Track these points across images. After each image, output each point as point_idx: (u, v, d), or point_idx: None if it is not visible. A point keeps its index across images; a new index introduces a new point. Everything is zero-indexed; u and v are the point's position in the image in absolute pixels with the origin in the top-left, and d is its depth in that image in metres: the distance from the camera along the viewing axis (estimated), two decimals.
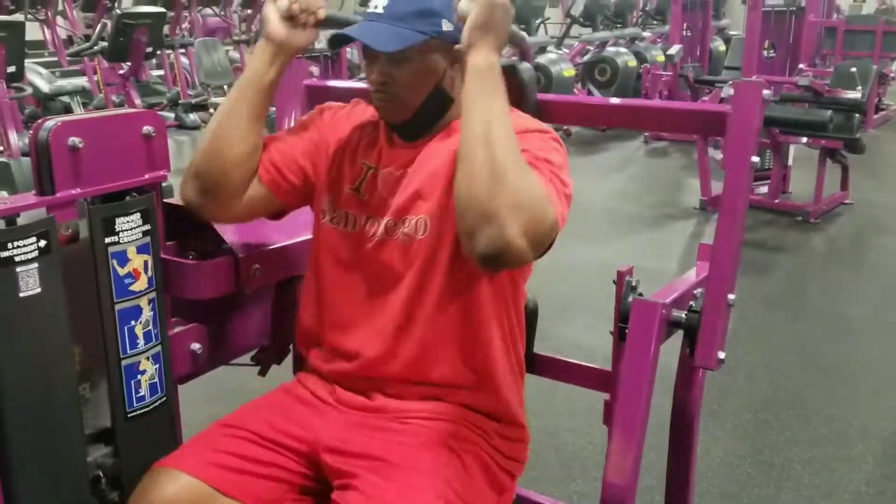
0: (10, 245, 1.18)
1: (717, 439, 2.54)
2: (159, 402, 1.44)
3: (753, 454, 2.47)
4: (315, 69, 5.63)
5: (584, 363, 1.69)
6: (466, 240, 1.12)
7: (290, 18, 1.36)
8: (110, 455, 1.41)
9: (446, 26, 1.29)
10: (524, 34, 1.45)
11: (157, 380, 1.44)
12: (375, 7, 1.31)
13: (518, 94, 1.47)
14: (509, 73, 1.44)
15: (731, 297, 1.35)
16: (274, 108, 1.72)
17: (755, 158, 1.31)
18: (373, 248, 1.35)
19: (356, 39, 1.29)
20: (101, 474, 1.40)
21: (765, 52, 5.52)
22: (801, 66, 5.40)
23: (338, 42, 1.35)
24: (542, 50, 7.55)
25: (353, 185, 1.39)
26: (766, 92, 1.30)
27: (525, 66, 1.54)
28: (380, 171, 1.38)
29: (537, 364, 1.65)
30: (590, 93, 8.04)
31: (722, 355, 1.35)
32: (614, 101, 1.71)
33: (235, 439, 1.33)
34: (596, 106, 1.73)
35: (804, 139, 4.90)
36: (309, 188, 1.43)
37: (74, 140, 1.29)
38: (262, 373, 1.77)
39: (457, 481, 1.27)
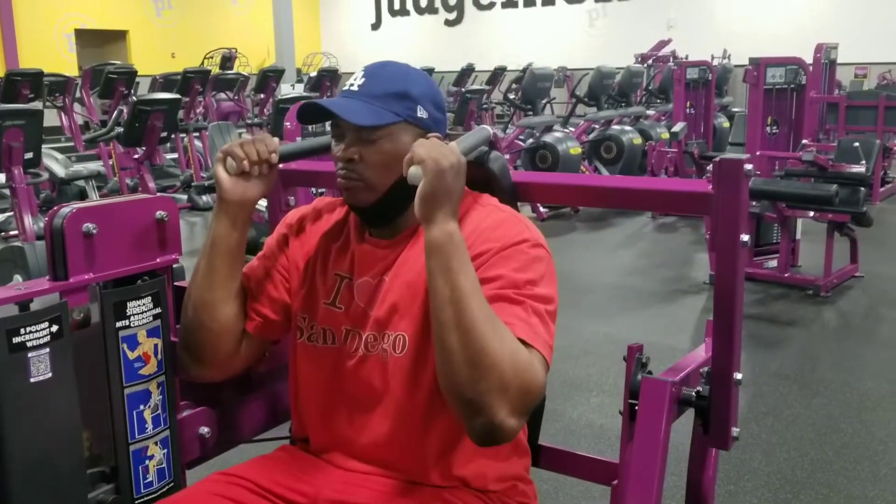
0: (22, 331, 1.19)
1: None
2: (167, 487, 1.43)
3: None
4: None
5: (590, 455, 1.65)
6: (459, 420, 1.13)
7: (243, 174, 1.34)
8: None
9: (421, 112, 1.29)
10: (486, 129, 1.39)
11: (165, 465, 1.43)
12: (351, 85, 1.30)
13: (491, 184, 1.45)
14: (479, 166, 1.44)
15: (738, 375, 1.33)
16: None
17: (745, 237, 1.24)
18: (354, 365, 1.33)
19: (327, 111, 1.26)
20: None
21: (768, 129, 5.59)
22: (804, 141, 5.46)
23: (307, 116, 1.32)
24: (549, 129, 7.68)
25: (328, 299, 1.37)
26: (748, 167, 1.23)
27: (495, 156, 1.48)
28: (355, 281, 1.35)
29: (543, 456, 1.62)
30: (596, 170, 8.13)
31: (736, 432, 1.33)
32: (593, 179, 1.70)
33: (235, 487, 1.32)
34: (574, 186, 1.63)
35: (811, 213, 4.92)
36: (290, 317, 1.42)
37: (89, 226, 1.31)
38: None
39: None
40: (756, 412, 3.22)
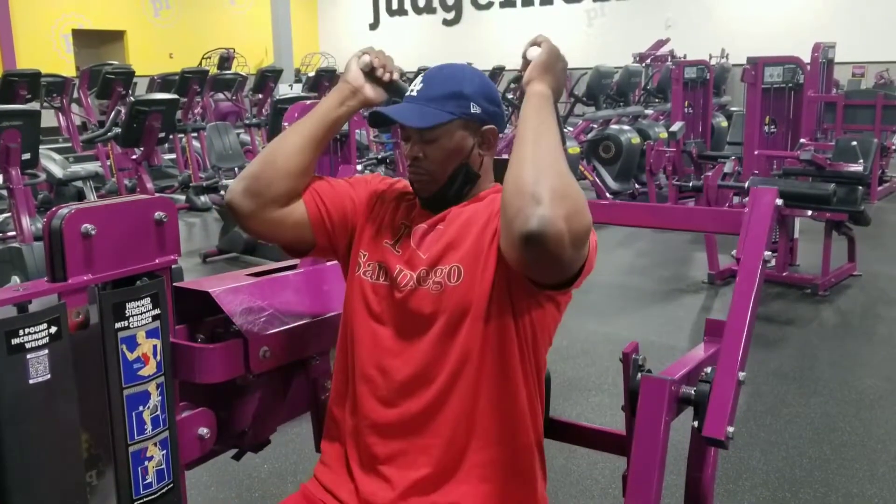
0: (21, 332, 1.19)
1: None
2: (166, 488, 1.43)
3: None
4: None
5: (599, 427, 1.72)
6: (510, 224, 1.18)
7: (368, 74, 1.49)
8: None
9: (474, 108, 1.41)
10: None
11: (164, 466, 1.42)
12: (412, 91, 1.44)
13: None
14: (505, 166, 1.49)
15: (742, 374, 1.34)
16: None
17: (768, 253, 1.41)
18: (403, 298, 1.41)
19: (390, 118, 1.40)
20: None
21: (766, 128, 5.60)
22: (802, 140, 5.47)
23: (377, 120, 1.45)
24: None
25: (390, 240, 1.47)
26: (778, 202, 1.45)
27: None
28: (413, 228, 1.46)
29: (555, 429, 1.67)
30: (594, 169, 8.14)
31: (731, 430, 1.33)
32: (646, 206, 1.86)
33: None
34: (628, 208, 1.92)
35: (809, 212, 4.93)
36: (341, 233, 1.50)
37: (87, 227, 1.31)
38: (237, 457, 1.76)
39: None
40: (755, 411, 3.23)
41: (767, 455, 2.89)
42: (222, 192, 6.04)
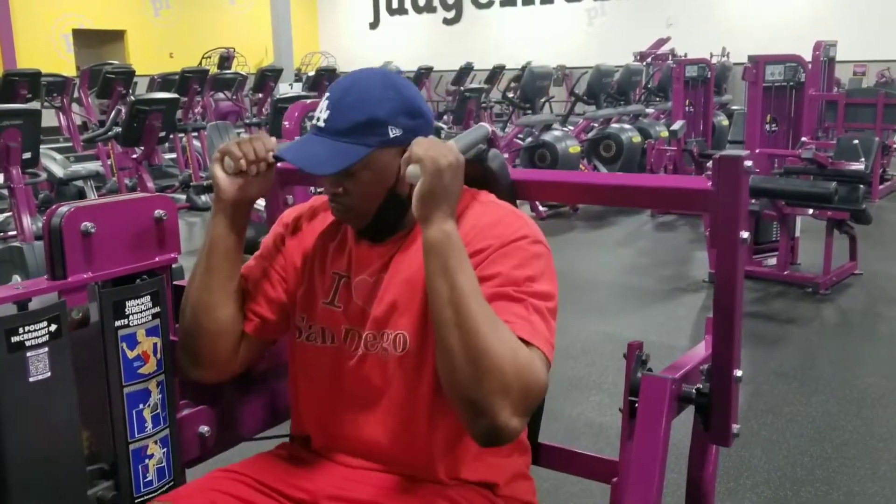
0: (21, 330, 1.19)
1: None
2: (167, 486, 1.43)
3: None
4: None
5: (589, 453, 1.66)
6: (461, 420, 1.14)
7: (241, 173, 1.32)
8: None
9: (393, 132, 1.25)
10: (484, 127, 1.40)
11: (164, 464, 1.42)
12: (318, 120, 1.27)
13: (489, 182, 1.45)
14: (478, 164, 1.44)
15: (739, 372, 1.33)
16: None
17: (745, 234, 1.23)
18: (355, 364, 1.33)
19: (302, 169, 1.25)
20: None
21: (767, 126, 5.59)
22: (803, 139, 5.46)
23: (288, 175, 1.35)
24: (548, 127, 7.67)
25: (326, 298, 1.37)
26: (747, 164, 1.22)
27: (493, 154, 1.48)
28: (353, 279, 1.35)
29: (543, 455, 1.63)
30: (595, 168, 8.13)
31: (736, 429, 1.33)
32: (592, 177, 1.67)
33: (237, 483, 1.32)
34: (573, 184, 1.63)
35: (810, 211, 4.92)
36: (288, 317, 1.42)
37: (87, 225, 1.31)
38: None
39: None
40: (756, 410, 3.22)
41: (769, 454, 2.88)
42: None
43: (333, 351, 1.36)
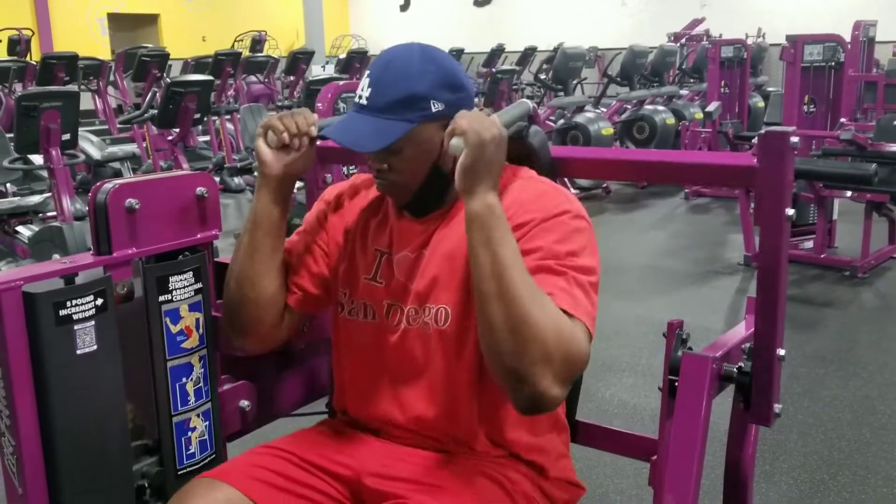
0: (68, 303, 1.21)
1: (771, 501, 2.46)
2: (209, 459, 1.45)
3: None
4: None
5: (627, 431, 1.65)
6: (503, 389, 1.14)
7: (284, 147, 1.34)
8: None
9: (435, 106, 1.25)
10: (526, 103, 1.38)
11: (206, 437, 1.45)
12: (360, 98, 1.28)
13: (530, 159, 1.45)
14: (519, 141, 1.43)
15: (782, 351, 1.32)
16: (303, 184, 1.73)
17: (790, 211, 1.22)
18: (397, 339, 1.34)
19: (346, 147, 1.27)
20: None
21: (805, 108, 5.50)
22: (842, 120, 5.36)
23: (329, 153, 1.37)
24: (580, 109, 7.61)
25: (368, 274, 1.38)
26: (794, 139, 1.21)
27: (534, 131, 1.47)
28: (394, 255, 1.36)
29: (580, 432, 1.63)
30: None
31: (778, 408, 1.32)
32: (635, 154, 1.65)
33: (279, 459, 1.33)
34: (615, 160, 1.62)
35: (848, 193, 4.84)
36: (330, 291, 1.44)
37: (132, 202, 1.33)
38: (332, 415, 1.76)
39: None
40: (792, 393, 3.19)
41: (805, 437, 2.86)
42: (256, 174, 6.07)
43: (375, 326, 1.36)
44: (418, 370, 1.33)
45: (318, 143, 1.39)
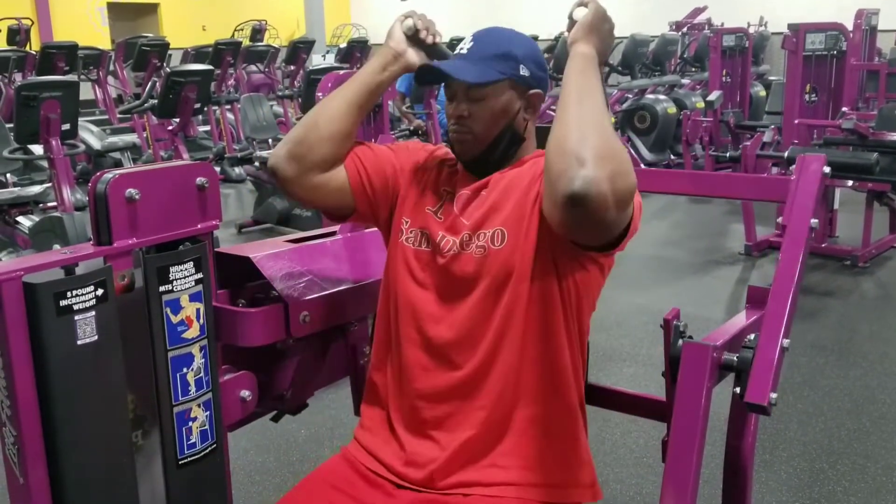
0: (69, 294, 1.21)
1: (771, 489, 2.47)
2: (210, 449, 1.46)
3: None
4: None
5: (638, 393, 1.72)
6: (554, 185, 1.16)
7: (410, 38, 1.47)
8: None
9: (524, 71, 1.40)
10: None
11: (207, 427, 1.45)
12: (461, 49, 1.43)
13: None
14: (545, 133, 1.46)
15: (787, 341, 1.32)
16: None
17: (815, 221, 1.40)
18: (446, 263, 1.41)
19: (442, 72, 1.38)
20: None
21: (806, 96, 5.48)
22: (843, 109, 5.35)
23: (425, 75, 1.45)
24: None
25: (432, 207, 1.47)
26: (826, 170, 1.46)
27: None
28: (456, 194, 1.45)
29: (595, 395, 1.68)
30: (629, 140, 8.05)
31: (774, 396, 1.32)
32: (690, 173, 1.82)
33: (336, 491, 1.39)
34: (668, 175, 1.87)
35: (850, 182, 4.83)
36: (383, 200, 1.50)
37: (132, 192, 1.33)
38: (276, 419, 1.79)
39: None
40: (792, 383, 3.20)
41: (805, 426, 2.86)
42: (256, 164, 6.07)
43: (427, 255, 1.44)
44: (465, 290, 1.39)
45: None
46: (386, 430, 1.48)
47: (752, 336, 1.36)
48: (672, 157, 8.01)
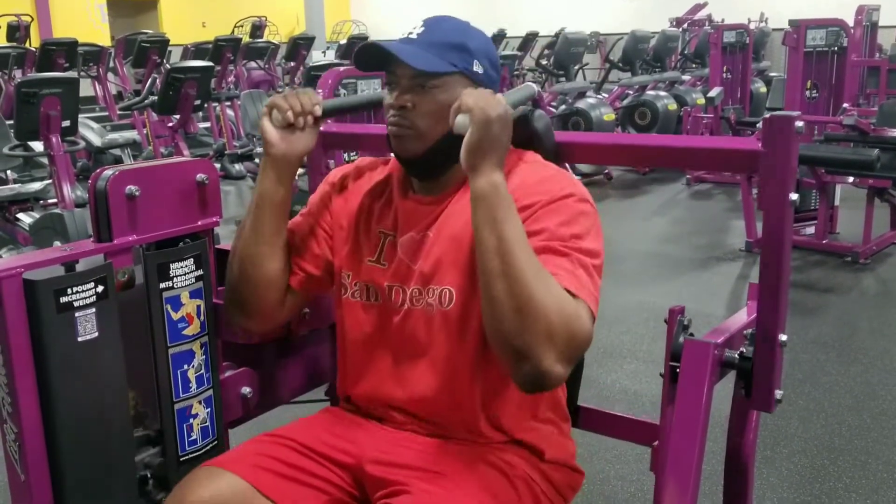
0: (69, 290, 1.21)
1: (772, 486, 2.47)
2: (210, 445, 1.46)
3: (811, 502, 2.39)
4: None
5: (629, 416, 1.66)
6: (505, 367, 1.14)
7: (288, 126, 1.34)
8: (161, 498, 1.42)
9: (477, 67, 1.28)
10: (531, 87, 1.40)
11: (208, 423, 1.45)
12: (410, 34, 1.29)
13: (534, 143, 1.44)
14: (523, 124, 1.42)
15: (783, 337, 1.32)
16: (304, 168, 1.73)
17: (794, 196, 1.22)
18: (399, 320, 1.33)
19: (388, 54, 1.25)
20: None
21: (807, 93, 5.48)
22: (844, 105, 5.35)
23: (365, 60, 1.30)
24: (582, 95, 7.59)
25: (372, 256, 1.37)
26: (798, 124, 1.20)
27: (539, 115, 1.47)
28: (399, 237, 1.35)
29: (582, 417, 1.63)
30: None
31: (779, 394, 1.32)
32: (638, 139, 1.65)
33: (282, 447, 1.33)
34: (619, 145, 1.61)
35: (850, 179, 4.82)
36: (332, 273, 1.43)
37: (132, 188, 1.33)
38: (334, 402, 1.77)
39: (508, 502, 1.27)
40: (793, 379, 3.20)
41: (806, 423, 2.86)
42: (257, 160, 6.07)
43: (378, 308, 1.36)
44: (421, 351, 1.32)
45: (322, 128, 1.38)
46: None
47: (750, 331, 1.36)
48: None
